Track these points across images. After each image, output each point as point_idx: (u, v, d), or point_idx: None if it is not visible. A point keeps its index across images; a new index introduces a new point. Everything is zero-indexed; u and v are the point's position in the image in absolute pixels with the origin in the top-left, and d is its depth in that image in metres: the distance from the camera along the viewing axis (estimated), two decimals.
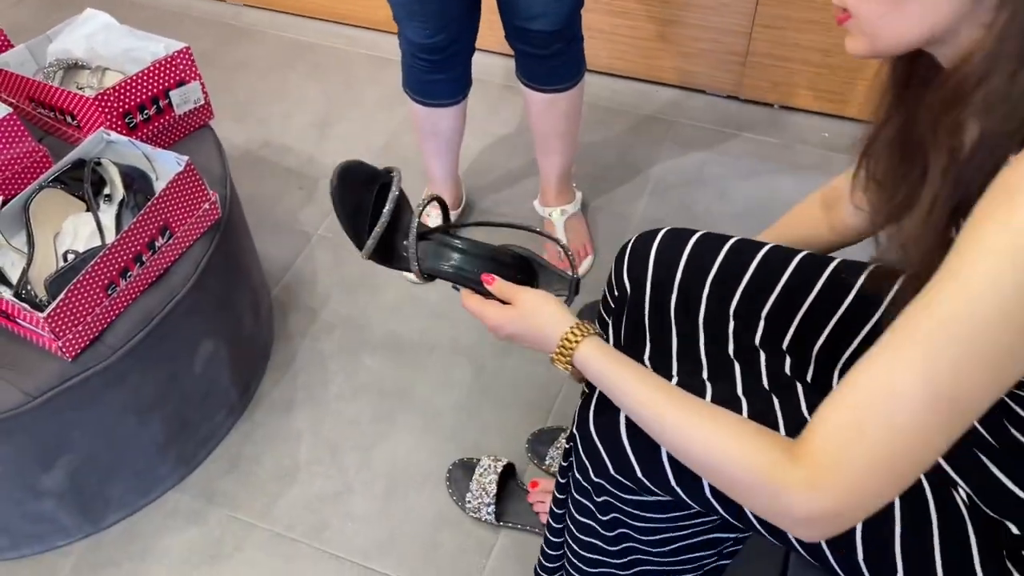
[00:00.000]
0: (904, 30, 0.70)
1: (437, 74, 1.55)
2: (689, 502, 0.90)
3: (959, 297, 0.62)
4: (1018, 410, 0.78)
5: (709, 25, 2.02)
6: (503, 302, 0.93)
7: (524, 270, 0.99)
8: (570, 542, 1.09)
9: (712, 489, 0.86)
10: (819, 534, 0.70)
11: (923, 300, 0.64)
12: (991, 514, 0.83)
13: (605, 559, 1.06)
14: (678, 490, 0.89)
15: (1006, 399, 0.79)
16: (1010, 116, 0.64)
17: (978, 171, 0.66)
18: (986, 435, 0.82)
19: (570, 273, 0.99)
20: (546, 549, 1.17)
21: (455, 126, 1.68)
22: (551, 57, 1.50)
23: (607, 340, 0.93)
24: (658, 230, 1.13)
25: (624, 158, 2.03)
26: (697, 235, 1.10)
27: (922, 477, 0.86)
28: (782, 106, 2.12)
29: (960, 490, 0.85)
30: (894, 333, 0.65)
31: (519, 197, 1.94)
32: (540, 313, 0.88)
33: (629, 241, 1.15)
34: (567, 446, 1.03)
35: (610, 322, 1.21)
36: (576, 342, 0.85)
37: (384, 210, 0.91)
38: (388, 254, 0.95)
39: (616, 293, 1.18)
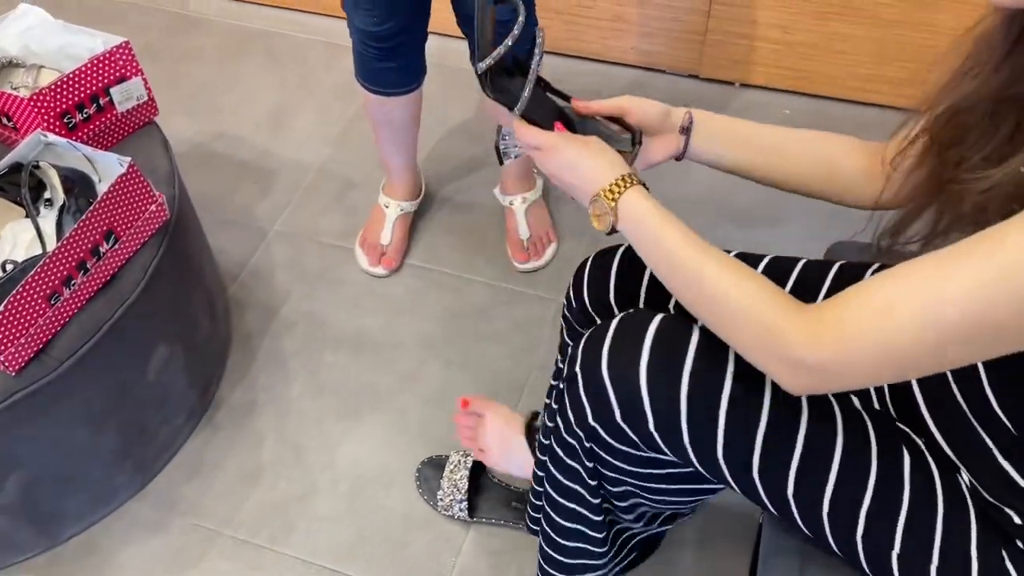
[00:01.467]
0: None
1: (389, 62, 1.50)
2: (695, 463, 0.89)
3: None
4: None
5: (668, 4, 1.99)
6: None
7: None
8: (549, 489, 1.06)
9: (710, 454, 0.88)
10: (798, 383, 0.75)
11: (1001, 232, 0.64)
12: (993, 500, 0.83)
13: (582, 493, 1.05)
14: (689, 450, 0.88)
15: None
16: None
17: None
18: (1005, 420, 0.80)
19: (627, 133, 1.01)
20: (532, 500, 1.17)
21: (410, 114, 1.64)
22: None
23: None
24: (616, 248, 1.11)
25: None
26: None
27: (930, 460, 0.86)
28: (743, 84, 2.10)
29: (963, 475, 0.85)
30: (961, 246, 0.66)
31: (480, 184, 1.91)
32: (606, 153, 0.91)
33: (587, 260, 1.13)
34: (557, 385, 1.01)
35: (567, 335, 1.20)
36: (628, 185, 0.87)
37: (533, 61, 0.93)
38: (496, 85, 0.96)
39: (575, 306, 1.16)
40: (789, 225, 1.80)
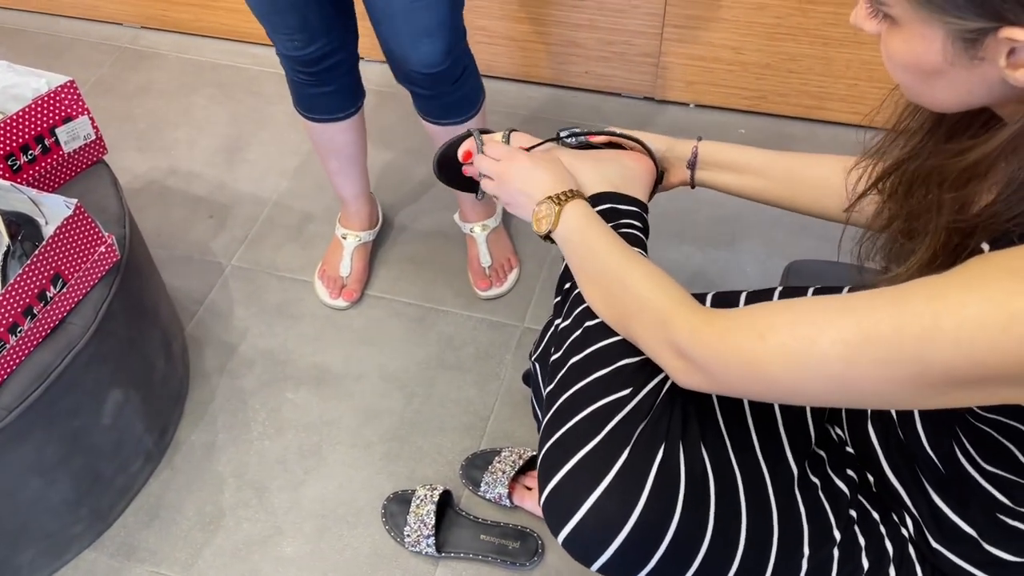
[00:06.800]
0: (937, 102, 0.70)
1: (322, 87, 1.49)
2: None
3: (927, 318, 0.62)
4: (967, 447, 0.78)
5: (620, 28, 2.00)
6: None
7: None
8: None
9: None
10: (686, 374, 0.78)
11: (897, 293, 0.65)
12: (938, 547, 0.83)
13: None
14: None
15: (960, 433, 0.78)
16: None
17: (982, 236, 0.66)
18: (934, 457, 0.81)
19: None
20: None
21: (353, 140, 1.61)
22: (440, 96, 1.45)
23: None
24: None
25: None
26: None
27: (882, 528, 0.86)
28: (698, 105, 2.12)
29: (908, 522, 0.86)
30: (856, 298, 0.67)
31: (438, 207, 1.90)
32: (558, 167, 0.98)
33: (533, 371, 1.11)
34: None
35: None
36: (574, 196, 0.92)
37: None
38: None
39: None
40: (749, 244, 1.81)
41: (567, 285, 0.98)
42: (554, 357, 0.94)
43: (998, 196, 0.66)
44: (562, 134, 1.08)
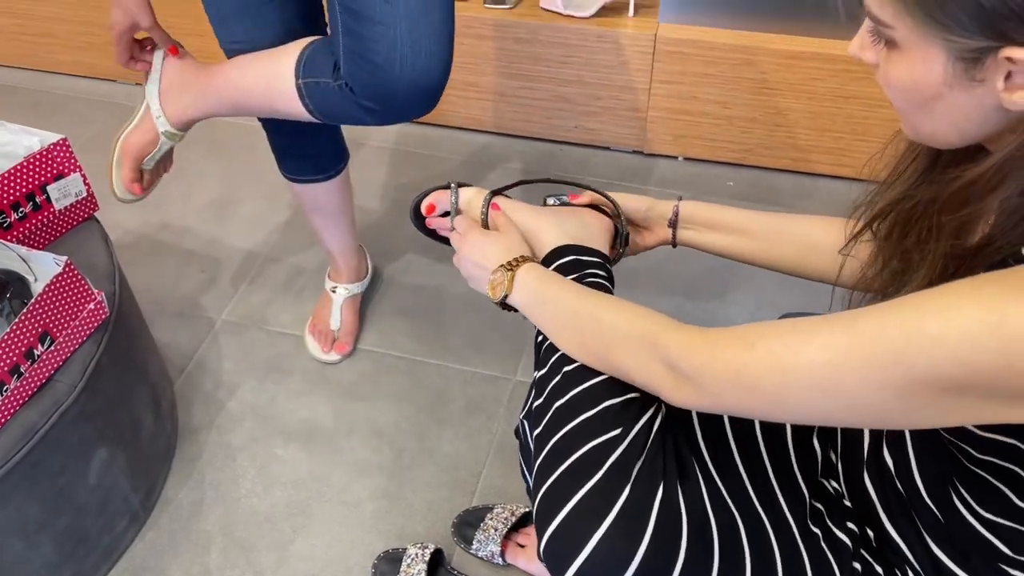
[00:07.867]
0: (935, 132, 0.71)
1: (301, 148, 1.51)
2: None
3: (912, 319, 0.63)
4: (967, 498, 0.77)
5: (608, 83, 2.03)
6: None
7: None
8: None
9: None
10: (679, 391, 0.78)
11: (884, 308, 0.65)
12: None
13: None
14: None
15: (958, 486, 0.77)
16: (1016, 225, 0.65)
17: (979, 263, 0.67)
18: (932, 507, 0.80)
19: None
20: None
21: (336, 199, 1.61)
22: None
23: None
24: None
25: None
26: None
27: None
28: (686, 158, 2.14)
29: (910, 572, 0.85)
30: (845, 312, 0.68)
31: (428, 260, 1.90)
32: (510, 239, 1.00)
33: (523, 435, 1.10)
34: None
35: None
36: (525, 261, 0.95)
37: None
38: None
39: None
40: (739, 294, 1.81)
41: (539, 338, 0.99)
42: (536, 403, 0.93)
43: (993, 224, 0.67)
44: (549, 201, 1.10)
